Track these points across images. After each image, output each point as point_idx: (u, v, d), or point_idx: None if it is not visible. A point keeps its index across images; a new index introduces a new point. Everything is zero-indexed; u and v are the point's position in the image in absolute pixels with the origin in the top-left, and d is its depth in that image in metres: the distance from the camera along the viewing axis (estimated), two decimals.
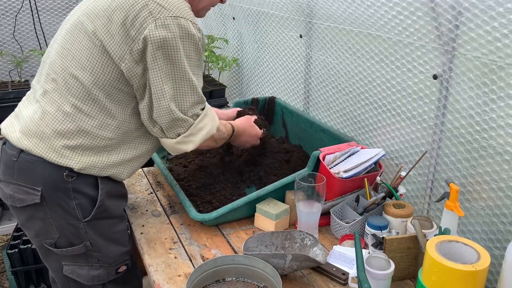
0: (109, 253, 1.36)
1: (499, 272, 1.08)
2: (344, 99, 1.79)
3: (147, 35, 1.17)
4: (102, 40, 1.20)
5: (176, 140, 1.31)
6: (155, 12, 1.17)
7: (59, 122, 1.24)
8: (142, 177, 1.84)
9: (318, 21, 1.83)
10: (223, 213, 1.44)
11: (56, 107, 1.24)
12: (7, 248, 2.03)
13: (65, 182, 1.25)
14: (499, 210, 1.22)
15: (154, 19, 1.17)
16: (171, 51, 1.19)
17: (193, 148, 1.33)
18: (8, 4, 2.88)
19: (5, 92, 2.51)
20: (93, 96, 1.23)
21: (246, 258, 1.21)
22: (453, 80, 1.29)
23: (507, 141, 1.17)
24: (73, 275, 1.35)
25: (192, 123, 1.30)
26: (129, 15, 1.18)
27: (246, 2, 2.39)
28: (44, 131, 1.24)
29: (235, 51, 2.71)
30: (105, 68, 1.22)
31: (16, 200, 1.28)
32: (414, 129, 1.47)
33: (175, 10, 1.19)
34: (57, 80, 1.25)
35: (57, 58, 1.27)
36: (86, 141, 1.25)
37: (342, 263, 1.27)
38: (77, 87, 1.23)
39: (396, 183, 1.42)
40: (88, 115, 1.24)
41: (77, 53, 1.23)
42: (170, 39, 1.18)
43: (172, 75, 1.22)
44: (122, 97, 1.26)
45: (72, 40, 1.25)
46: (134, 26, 1.18)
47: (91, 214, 1.29)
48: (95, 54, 1.21)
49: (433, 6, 1.29)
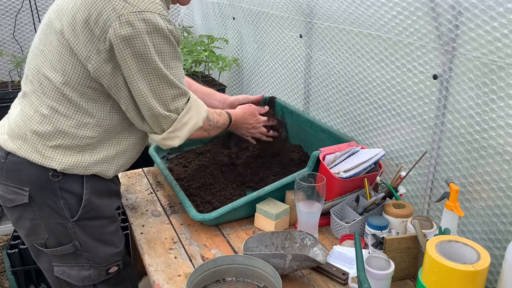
0: (99, 253, 1.35)
1: (499, 272, 1.08)
2: (344, 99, 1.79)
3: (112, 34, 1.12)
4: (68, 39, 1.17)
5: (161, 136, 1.29)
6: (118, 8, 1.12)
7: (38, 124, 1.24)
8: (142, 177, 1.84)
9: (318, 21, 1.83)
10: (223, 213, 1.44)
11: (33, 109, 1.25)
12: (7, 248, 2.03)
13: (51, 182, 1.25)
14: (499, 210, 1.22)
15: (117, 15, 1.12)
16: (139, 48, 1.15)
17: (180, 143, 1.31)
18: (8, 4, 2.88)
19: (5, 92, 2.51)
20: (67, 96, 1.22)
21: (246, 258, 1.21)
22: (453, 80, 1.29)
23: (507, 141, 1.17)
24: (63, 275, 1.34)
25: (176, 118, 1.28)
26: (93, 13, 1.13)
27: (246, 2, 2.39)
28: (25, 133, 1.25)
29: (235, 51, 2.71)
30: (74, 68, 1.19)
31: (6, 200, 1.29)
32: (414, 129, 1.47)
33: (139, 4, 1.13)
34: (33, 82, 1.25)
35: (32, 59, 1.27)
36: (66, 142, 1.24)
37: (342, 263, 1.27)
38: (50, 88, 1.22)
39: (396, 183, 1.42)
40: (65, 116, 1.23)
41: (48, 53, 1.22)
42: (136, 36, 1.13)
43: (145, 72, 1.18)
44: (97, 95, 1.23)
45: (44, 40, 1.24)
46: (98, 24, 1.13)
47: (78, 213, 1.28)
48: (64, 54, 1.19)
49: (433, 6, 1.29)
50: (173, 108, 1.27)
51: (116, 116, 1.28)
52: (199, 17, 3.20)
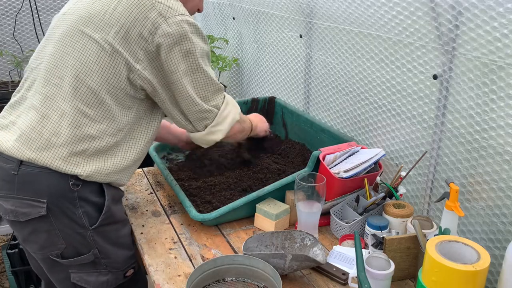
0: (117, 258, 1.36)
1: (499, 272, 1.08)
2: (344, 99, 1.79)
3: (161, 34, 1.21)
4: (114, 44, 1.21)
5: (204, 132, 1.36)
6: (164, 12, 1.22)
7: (64, 128, 1.21)
8: (142, 177, 1.84)
9: (318, 21, 1.83)
10: (223, 213, 1.44)
11: (59, 112, 1.22)
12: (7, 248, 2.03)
13: (71, 191, 1.22)
14: (499, 210, 1.22)
15: (164, 18, 1.21)
16: (186, 46, 1.24)
17: (222, 136, 1.39)
18: (8, 4, 2.88)
19: (5, 92, 2.52)
20: (102, 100, 1.23)
21: (246, 258, 1.21)
22: (453, 80, 1.29)
23: (507, 141, 1.17)
24: (81, 282, 1.33)
25: (217, 113, 1.35)
26: (138, 17, 1.21)
27: (246, 2, 2.39)
28: (48, 138, 1.21)
29: (235, 51, 2.71)
30: (116, 72, 1.22)
31: (20, 214, 1.23)
32: (414, 129, 1.47)
33: (180, 10, 1.25)
34: (61, 85, 1.23)
35: (58, 62, 1.25)
36: (91, 146, 1.23)
37: (342, 263, 1.27)
38: (85, 91, 1.22)
39: (396, 183, 1.42)
40: (92, 119, 1.23)
41: (82, 57, 1.22)
42: (183, 35, 1.23)
43: (190, 70, 1.27)
44: (127, 100, 1.27)
45: (74, 45, 1.24)
46: (145, 27, 1.21)
47: (98, 221, 1.27)
48: (105, 58, 1.21)
49: (433, 6, 1.29)
50: (213, 103, 1.35)
51: (137, 123, 1.32)
52: (199, 17, 3.20)
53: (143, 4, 1.22)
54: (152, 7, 1.22)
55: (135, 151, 1.34)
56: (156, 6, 1.22)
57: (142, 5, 1.22)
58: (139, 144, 1.34)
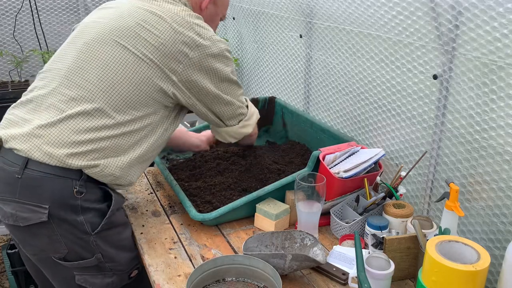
0: (121, 260, 1.36)
1: (499, 272, 1.08)
2: (344, 99, 1.79)
3: (201, 51, 1.33)
4: (151, 57, 1.29)
5: (238, 125, 1.53)
6: (201, 32, 1.34)
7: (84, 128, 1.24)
8: (142, 177, 1.84)
9: (318, 21, 1.83)
10: (223, 213, 1.44)
11: (83, 113, 1.24)
12: (7, 248, 2.03)
13: (74, 198, 1.23)
14: (499, 210, 1.22)
15: (201, 37, 1.33)
16: (222, 60, 1.40)
17: (251, 130, 1.57)
18: (8, 4, 2.88)
19: (5, 92, 2.51)
20: (129, 104, 1.28)
21: (246, 258, 1.21)
22: (453, 80, 1.29)
23: (507, 141, 1.17)
24: (86, 284, 1.33)
25: (247, 110, 1.56)
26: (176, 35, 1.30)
27: (246, 2, 2.39)
28: (68, 136, 1.22)
29: (235, 51, 2.71)
30: (147, 79, 1.29)
31: (19, 219, 1.22)
32: (414, 129, 1.47)
33: (212, 32, 1.39)
34: (91, 89, 1.26)
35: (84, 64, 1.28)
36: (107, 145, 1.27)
37: (342, 263, 1.27)
38: (112, 95, 1.27)
39: (396, 183, 1.42)
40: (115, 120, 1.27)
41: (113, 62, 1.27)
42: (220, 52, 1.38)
43: (223, 79, 1.42)
44: (155, 105, 1.34)
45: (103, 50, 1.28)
46: (183, 43, 1.30)
47: (100, 225, 1.27)
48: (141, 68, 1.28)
49: (433, 6, 1.29)
50: (243, 103, 1.54)
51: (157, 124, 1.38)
52: None
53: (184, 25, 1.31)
54: (191, 28, 1.32)
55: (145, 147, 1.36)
56: (195, 28, 1.33)
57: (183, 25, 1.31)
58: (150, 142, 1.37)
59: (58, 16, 3.03)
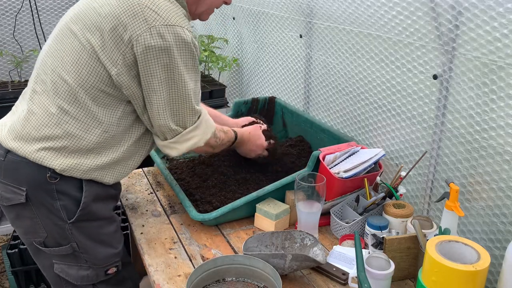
0: (97, 254, 1.34)
1: (499, 272, 1.08)
2: (344, 99, 1.79)
3: (141, 43, 1.16)
4: (93, 44, 1.19)
5: (162, 143, 1.33)
6: (150, 19, 1.16)
7: (45, 124, 1.23)
8: (142, 177, 1.84)
9: (318, 21, 1.83)
10: (223, 213, 1.44)
11: (43, 108, 1.24)
12: (7, 248, 2.03)
13: (48, 183, 1.25)
14: (499, 210, 1.22)
15: (148, 26, 1.15)
16: (166, 60, 1.19)
17: (177, 155, 1.34)
18: (8, 4, 2.88)
19: (5, 92, 2.51)
20: (79, 99, 1.22)
21: (246, 258, 1.21)
22: (453, 80, 1.29)
23: (507, 141, 1.17)
24: (63, 273, 1.35)
25: (180, 132, 1.31)
26: (122, 21, 1.16)
27: (246, 2, 2.39)
28: (29, 132, 1.24)
29: (235, 51, 2.71)
30: (92, 71, 1.20)
31: (3, 199, 1.29)
32: (414, 129, 1.47)
33: (170, 18, 1.18)
34: (46, 81, 1.25)
35: (46, 58, 1.27)
36: (71, 144, 1.24)
37: (342, 263, 1.27)
38: (64, 89, 1.22)
39: (396, 183, 1.42)
40: (74, 118, 1.23)
41: (65, 55, 1.23)
42: (165, 48, 1.17)
43: (167, 84, 1.22)
44: (109, 100, 1.24)
45: (61, 42, 1.25)
46: (127, 32, 1.16)
47: (75, 215, 1.28)
48: (83, 57, 1.20)
49: (433, 6, 1.29)
50: (181, 123, 1.30)
51: (124, 124, 1.29)
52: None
53: (132, 8, 1.16)
54: (140, 12, 1.16)
55: (120, 151, 1.32)
56: (145, 12, 1.16)
57: (131, 9, 1.16)
58: (125, 145, 1.32)
59: (58, 16, 3.04)
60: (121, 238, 1.43)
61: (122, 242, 1.42)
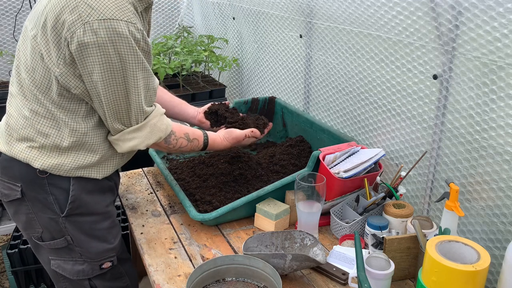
0: (91, 248, 1.36)
1: (499, 272, 1.08)
2: (344, 99, 1.79)
3: (75, 41, 1.10)
4: (40, 44, 1.16)
5: (109, 137, 1.31)
6: (84, 15, 1.09)
7: (22, 126, 1.26)
8: (142, 177, 1.84)
9: (318, 21, 1.83)
10: (223, 213, 1.44)
11: (17, 111, 1.27)
12: (7, 248, 2.03)
13: (39, 178, 1.27)
14: (499, 210, 1.22)
15: (82, 23, 1.09)
16: (100, 57, 1.12)
17: (121, 152, 1.31)
18: (8, 4, 2.88)
19: (5, 92, 2.51)
20: (41, 100, 1.22)
21: (246, 258, 1.21)
22: (453, 80, 1.29)
23: (507, 141, 1.17)
24: (59, 269, 1.37)
25: (121, 130, 1.27)
26: (60, 18, 1.11)
27: (246, 2, 2.39)
28: (11, 134, 1.29)
29: (235, 51, 2.71)
30: (43, 74, 1.19)
31: (3, 195, 1.33)
32: (414, 129, 1.47)
33: (105, 12, 1.10)
34: (14, 83, 1.29)
35: (16, 59, 1.30)
36: (47, 142, 1.26)
37: (342, 263, 1.27)
38: (29, 92, 1.24)
39: (396, 183, 1.42)
40: (44, 117, 1.24)
41: (23, 57, 1.24)
42: (98, 44, 1.10)
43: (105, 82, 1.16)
44: (66, 103, 1.22)
45: (22, 44, 1.27)
46: (63, 29, 1.11)
47: (66, 209, 1.30)
48: (36, 59, 1.19)
49: (433, 6, 1.29)
50: (126, 122, 1.25)
51: (92, 122, 1.27)
52: (199, 17, 3.20)
53: (69, 3, 1.10)
54: (75, 8, 1.09)
55: (100, 150, 1.31)
56: (79, 7, 1.09)
57: (68, 4, 1.10)
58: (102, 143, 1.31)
59: None
60: (118, 233, 1.44)
61: (118, 237, 1.43)
